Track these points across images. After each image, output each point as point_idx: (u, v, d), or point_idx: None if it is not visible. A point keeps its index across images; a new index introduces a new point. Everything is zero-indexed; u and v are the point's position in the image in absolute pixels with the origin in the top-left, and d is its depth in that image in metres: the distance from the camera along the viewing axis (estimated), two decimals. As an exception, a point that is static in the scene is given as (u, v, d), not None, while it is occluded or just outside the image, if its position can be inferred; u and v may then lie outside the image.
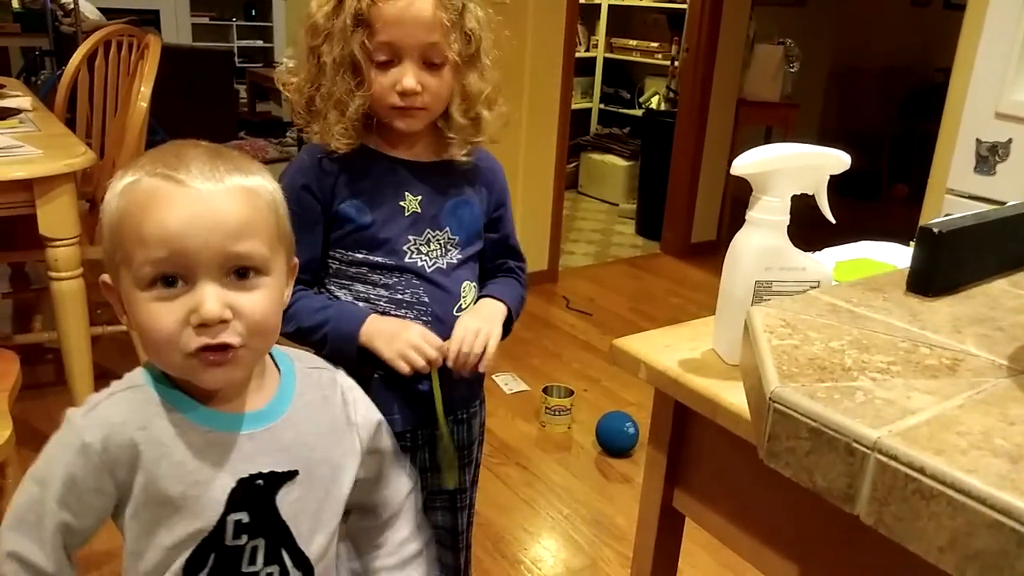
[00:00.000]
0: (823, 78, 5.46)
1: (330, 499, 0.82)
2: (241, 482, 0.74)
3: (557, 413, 2.32)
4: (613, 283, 3.65)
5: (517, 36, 1.24)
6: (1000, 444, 0.44)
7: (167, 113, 2.83)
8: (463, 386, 1.10)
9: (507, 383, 2.53)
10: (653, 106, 4.99)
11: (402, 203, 1.05)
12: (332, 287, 1.07)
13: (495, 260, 1.15)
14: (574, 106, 4.28)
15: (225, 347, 0.68)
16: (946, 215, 2.32)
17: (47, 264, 1.85)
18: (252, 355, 0.72)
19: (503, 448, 2.21)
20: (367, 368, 1.02)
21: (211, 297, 0.67)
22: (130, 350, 2.26)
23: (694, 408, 0.76)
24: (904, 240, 2.56)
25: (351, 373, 0.91)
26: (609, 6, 5.22)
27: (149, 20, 6.46)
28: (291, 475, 0.77)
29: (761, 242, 0.77)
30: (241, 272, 0.69)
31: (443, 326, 1.04)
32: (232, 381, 0.73)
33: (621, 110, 5.33)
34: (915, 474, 0.42)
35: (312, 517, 0.80)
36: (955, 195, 2.29)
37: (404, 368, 1.00)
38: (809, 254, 0.84)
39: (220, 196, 0.68)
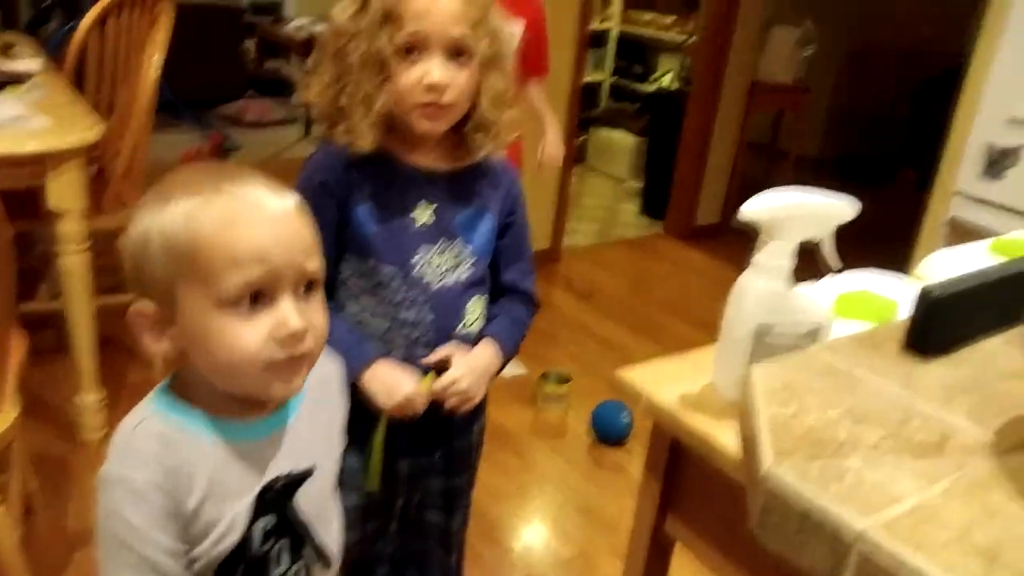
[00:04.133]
0: (838, 59, 5.40)
1: (335, 488, 0.85)
2: (264, 487, 0.76)
3: (553, 400, 2.36)
4: (615, 265, 3.66)
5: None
6: (979, 540, 0.46)
7: (173, 71, 2.81)
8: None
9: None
10: (664, 85, 4.95)
11: (415, 212, 1.06)
12: (342, 296, 1.08)
13: (506, 271, 1.16)
14: (585, 80, 4.25)
15: (302, 358, 0.71)
16: (952, 218, 2.33)
17: (54, 237, 1.87)
18: (313, 364, 0.74)
19: (498, 433, 2.25)
20: None
21: (295, 312, 0.69)
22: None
23: (691, 446, 0.79)
24: (909, 232, 2.55)
25: None
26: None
27: (158, -29, 6.37)
28: (308, 472, 0.80)
29: (766, 286, 0.78)
30: (308, 286, 0.72)
31: (446, 344, 1.07)
32: (297, 391, 0.74)
33: (633, 84, 5.28)
34: (895, 568, 0.44)
35: (325, 508, 0.83)
36: (963, 197, 2.29)
37: (396, 414, 1.06)
38: (810, 295, 0.85)
39: (292, 215, 0.71)
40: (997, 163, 2.19)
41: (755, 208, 0.76)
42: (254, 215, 0.69)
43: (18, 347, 1.54)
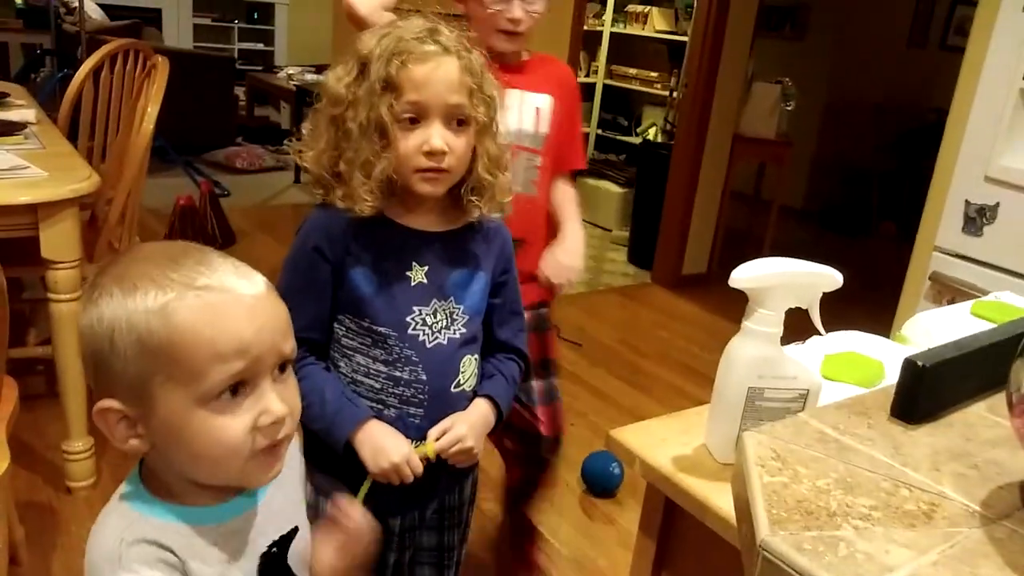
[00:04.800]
0: (819, 112, 5.54)
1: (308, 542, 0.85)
2: (262, 557, 0.76)
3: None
4: (604, 313, 3.69)
5: None
6: (970, 612, 0.48)
7: (165, 117, 2.83)
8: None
9: (495, 414, 2.55)
10: (651, 137, 5.05)
11: (409, 272, 1.08)
12: (335, 354, 1.09)
13: (500, 329, 1.18)
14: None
15: (283, 441, 0.70)
16: (933, 273, 2.38)
17: (47, 286, 1.87)
18: (289, 443, 0.74)
19: (489, 483, 2.24)
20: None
21: (277, 399, 0.69)
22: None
23: (685, 508, 0.80)
24: (890, 283, 2.59)
25: None
26: (611, 34, 5.28)
27: (151, 19, 6.48)
28: (294, 532, 0.80)
29: (755, 351, 0.81)
30: (282, 367, 0.72)
31: (439, 403, 1.08)
32: (277, 474, 0.73)
33: (619, 136, 5.38)
34: (890, 640, 0.46)
35: (305, 558, 0.83)
36: (943, 253, 2.34)
37: (381, 479, 1.07)
38: (799, 357, 0.88)
39: (265, 298, 0.70)
40: (975, 220, 2.25)
41: (745, 276, 0.79)
42: (232, 307, 0.67)
43: (8, 397, 1.54)
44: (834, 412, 0.73)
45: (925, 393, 0.71)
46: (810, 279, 0.80)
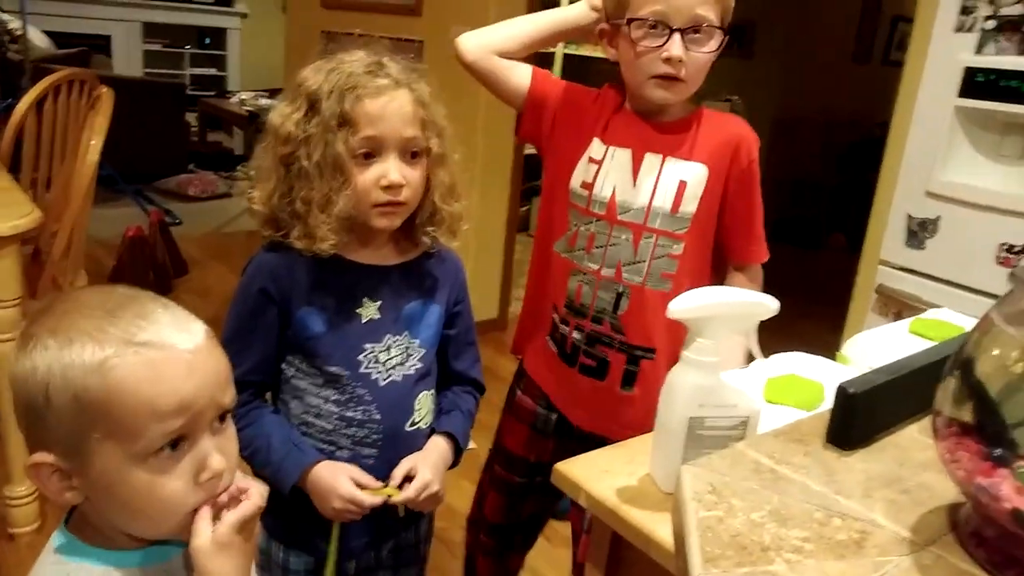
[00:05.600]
0: (768, 128, 5.65)
1: None
2: None
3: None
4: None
5: (473, 82, 1.28)
6: (896, 645, 0.48)
7: (113, 146, 2.79)
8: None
9: (454, 439, 2.53)
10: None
11: (359, 309, 1.06)
12: (285, 395, 1.08)
13: (455, 360, 1.18)
14: (527, 151, 4.36)
15: (220, 493, 0.70)
16: (879, 285, 2.43)
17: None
18: None
19: (448, 512, 2.22)
20: None
21: (215, 451, 0.68)
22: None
23: (630, 540, 0.80)
24: (841, 294, 2.64)
25: None
26: (564, 55, 5.33)
27: (100, 46, 6.38)
28: None
29: (695, 381, 0.81)
30: (222, 417, 0.71)
31: (394, 442, 1.07)
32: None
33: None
34: (819, 678, 0.46)
35: None
36: (888, 266, 2.40)
37: (333, 520, 1.05)
38: (740, 381, 0.89)
39: (204, 350, 0.68)
40: (917, 234, 2.30)
41: (682, 307, 0.79)
42: (172, 364, 0.65)
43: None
44: (771, 441, 0.74)
45: (858, 420, 0.72)
46: (746, 308, 0.81)
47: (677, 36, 1.12)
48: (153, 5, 6.96)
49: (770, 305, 0.82)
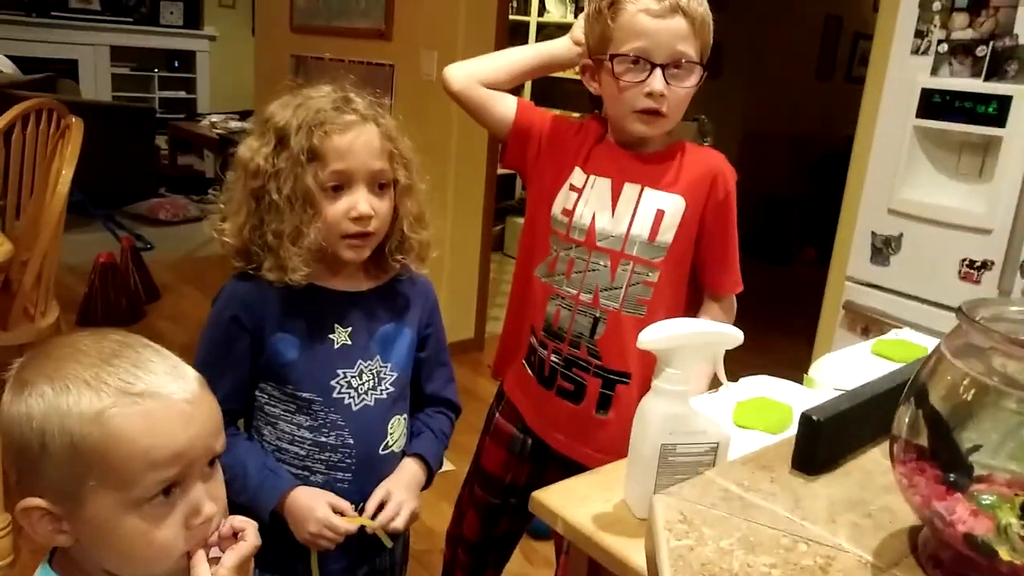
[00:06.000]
0: (737, 145, 5.75)
1: None
2: None
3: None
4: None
5: (445, 103, 1.29)
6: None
7: (83, 172, 2.77)
8: None
9: (432, 462, 2.53)
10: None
11: (331, 335, 1.08)
12: (259, 422, 1.09)
13: (428, 382, 1.19)
14: (500, 171, 4.40)
15: (210, 536, 0.71)
16: (846, 302, 2.48)
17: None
18: None
19: (428, 534, 2.23)
20: None
21: (207, 497, 0.70)
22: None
23: (606, 566, 0.82)
24: (812, 308, 2.68)
25: None
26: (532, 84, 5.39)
27: (67, 71, 6.33)
28: None
29: (666, 409, 0.84)
30: (212, 462, 0.72)
31: (367, 467, 1.08)
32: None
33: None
34: None
35: None
36: (854, 283, 2.45)
37: (310, 547, 1.06)
38: (710, 406, 0.92)
39: (198, 397, 0.70)
40: (882, 250, 2.36)
41: (651, 338, 0.82)
42: (168, 415, 0.67)
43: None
44: (739, 468, 0.76)
45: (822, 446, 0.75)
46: (713, 338, 0.84)
47: (659, 71, 1.16)
48: (120, 28, 6.92)
49: (736, 336, 0.85)
